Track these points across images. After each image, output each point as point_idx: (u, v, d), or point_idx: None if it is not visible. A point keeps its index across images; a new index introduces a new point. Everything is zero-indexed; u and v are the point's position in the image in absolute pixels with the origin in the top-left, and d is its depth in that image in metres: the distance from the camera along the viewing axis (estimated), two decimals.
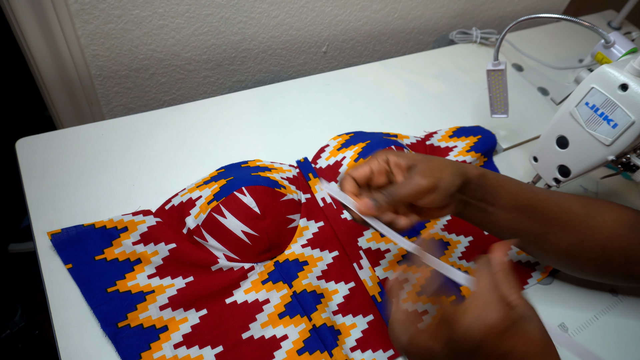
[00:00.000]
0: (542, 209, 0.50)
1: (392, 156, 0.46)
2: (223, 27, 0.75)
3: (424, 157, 0.46)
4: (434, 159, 0.46)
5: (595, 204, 0.52)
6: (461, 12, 0.97)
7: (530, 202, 0.50)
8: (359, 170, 0.45)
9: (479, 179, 0.48)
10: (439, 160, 0.46)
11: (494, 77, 0.64)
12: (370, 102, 0.74)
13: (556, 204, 0.51)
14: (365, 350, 0.49)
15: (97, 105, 0.77)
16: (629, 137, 0.48)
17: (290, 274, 0.51)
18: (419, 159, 0.45)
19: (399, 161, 0.45)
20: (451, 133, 0.70)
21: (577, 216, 0.51)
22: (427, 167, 0.45)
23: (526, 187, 0.51)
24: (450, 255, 0.58)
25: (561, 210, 0.51)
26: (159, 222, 0.51)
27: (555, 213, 0.51)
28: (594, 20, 1.03)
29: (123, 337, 0.44)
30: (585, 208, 0.51)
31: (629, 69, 0.47)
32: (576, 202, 0.52)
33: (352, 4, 0.83)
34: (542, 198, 0.51)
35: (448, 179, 0.45)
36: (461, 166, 0.47)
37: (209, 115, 0.66)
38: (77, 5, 0.63)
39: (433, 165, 0.45)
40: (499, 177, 0.50)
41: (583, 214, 0.51)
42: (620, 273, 0.52)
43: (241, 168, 0.57)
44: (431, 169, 0.45)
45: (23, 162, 0.55)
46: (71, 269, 0.47)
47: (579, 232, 0.51)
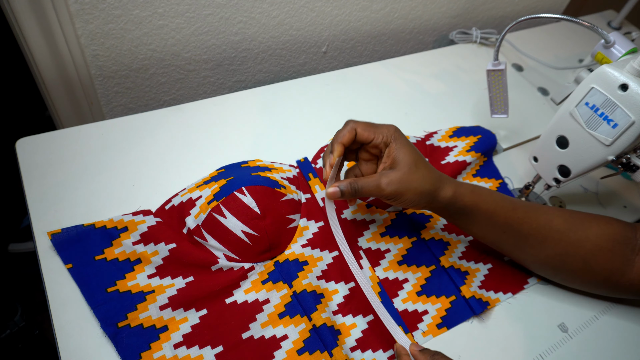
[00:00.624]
0: (519, 225, 0.51)
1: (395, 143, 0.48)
2: (223, 27, 0.75)
3: (412, 165, 0.47)
4: (418, 172, 0.47)
5: (579, 218, 0.52)
6: (461, 12, 0.97)
7: (506, 220, 0.51)
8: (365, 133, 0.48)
9: (450, 202, 0.49)
10: (420, 177, 0.47)
11: (494, 77, 0.64)
12: (370, 102, 0.74)
13: (535, 220, 0.51)
14: (365, 350, 0.49)
15: (97, 105, 0.77)
16: (629, 137, 0.48)
17: (290, 273, 0.51)
18: (405, 165, 0.47)
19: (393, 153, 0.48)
20: (451, 133, 0.70)
21: (557, 231, 0.51)
22: (402, 178, 0.47)
23: (506, 204, 0.51)
24: (450, 256, 0.58)
25: (539, 226, 0.51)
26: (159, 222, 0.51)
27: (534, 229, 0.52)
28: (594, 20, 1.03)
29: (123, 337, 0.44)
30: (567, 223, 0.52)
31: (629, 69, 0.47)
32: (557, 217, 0.52)
33: (352, 4, 0.83)
34: (520, 215, 0.51)
35: (411, 198, 0.47)
36: (435, 187, 0.48)
37: (209, 115, 0.66)
38: (77, 5, 0.63)
39: (409, 179, 0.47)
40: (476, 198, 0.50)
41: (564, 228, 0.51)
42: (606, 285, 0.53)
43: (241, 168, 0.57)
44: (402, 181, 0.47)
45: (23, 162, 0.55)
46: (71, 269, 0.47)
47: (559, 245, 0.52)
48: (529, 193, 0.65)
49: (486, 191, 0.51)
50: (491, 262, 0.59)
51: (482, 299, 0.55)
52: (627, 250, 0.51)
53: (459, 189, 0.49)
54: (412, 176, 0.47)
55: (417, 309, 0.53)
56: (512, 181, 0.69)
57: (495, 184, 0.67)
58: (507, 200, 0.51)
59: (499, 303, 0.56)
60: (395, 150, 0.47)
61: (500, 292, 0.56)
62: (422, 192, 0.47)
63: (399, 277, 0.55)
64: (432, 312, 0.53)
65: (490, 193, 0.51)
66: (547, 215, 0.52)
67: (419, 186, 0.47)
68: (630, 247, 0.51)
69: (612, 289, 0.54)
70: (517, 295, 0.57)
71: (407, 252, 0.57)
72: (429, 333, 0.52)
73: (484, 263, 0.58)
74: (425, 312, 0.53)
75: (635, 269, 0.51)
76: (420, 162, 0.48)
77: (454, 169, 0.65)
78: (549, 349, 0.53)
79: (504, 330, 0.54)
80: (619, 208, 0.69)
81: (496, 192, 0.52)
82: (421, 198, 0.47)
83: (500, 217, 0.51)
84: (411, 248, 0.58)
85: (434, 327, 0.52)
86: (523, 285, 0.57)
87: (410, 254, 0.57)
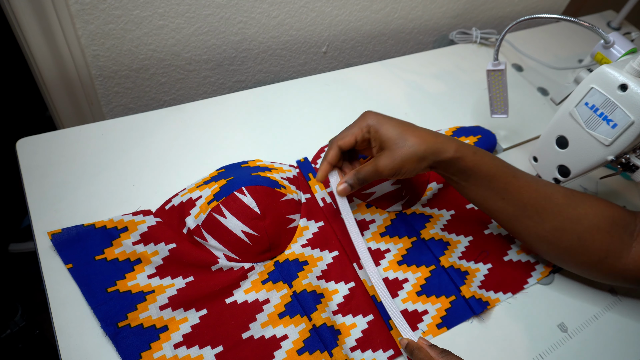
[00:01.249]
0: (518, 193, 0.51)
1: (373, 128, 0.50)
2: (223, 27, 0.75)
3: (397, 138, 0.49)
4: (406, 142, 0.49)
5: (580, 196, 0.52)
6: (461, 12, 0.97)
7: (506, 186, 0.51)
8: (345, 140, 0.51)
9: (451, 161, 0.50)
10: (409, 146, 0.49)
11: (494, 77, 0.65)
12: (371, 102, 0.74)
13: (536, 190, 0.51)
14: (365, 350, 0.49)
15: (97, 105, 0.77)
16: (628, 137, 0.48)
17: (290, 273, 0.51)
18: (391, 142, 0.49)
19: (376, 136, 0.50)
20: (451, 133, 0.70)
21: (557, 205, 0.51)
22: (392, 155, 0.49)
23: (508, 170, 0.51)
24: (450, 255, 0.58)
25: (540, 197, 0.51)
26: (159, 222, 0.51)
27: (533, 199, 0.51)
28: (593, 21, 1.03)
29: (123, 337, 0.45)
30: (567, 198, 0.51)
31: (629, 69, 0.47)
32: (558, 192, 0.52)
33: (352, 4, 0.83)
34: (521, 183, 0.51)
35: (411, 167, 0.49)
36: (434, 149, 0.49)
37: (209, 115, 0.66)
38: (78, 6, 0.63)
39: (400, 153, 0.48)
40: (478, 159, 0.50)
41: (563, 203, 0.51)
42: (600, 267, 0.52)
43: (241, 168, 0.58)
44: (395, 158, 0.49)
45: (23, 162, 0.55)
46: (71, 269, 0.47)
47: (556, 219, 0.51)
48: None
49: (489, 155, 0.51)
50: (491, 262, 0.59)
51: (482, 299, 0.55)
52: (626, 235, 0.51)
53: (460, 148, 0.49)
54: (402, 149, 0.48)
55: (417, 309, 0.53)
56: None
57: None
58: (509, 167, 0.51)
59: (499, 303, 0.56)
60: (376, 133, 0.50)
61: (500, 292, 0.56)
62: (419, 158, 0.49)
63: (398, 277, 0.55)
64: (432, 312, 0.54)
65: (493, 158, 0.51)
66: (548, 188, 0.52)
67: (413, 154, 0.48)
68: (629, 232, 0.51)
69: (606, 273, 0.53)
70: (517, 295, 0.57)
71: (407, 252, 0.57)
72: (428, 333, 0.52)
73: (484, 263, 0.58)
74: (425, 312, 0.53)
75: (632, 254, 0.50)
76: (406, 131, 0.49)
77: None
78: (548, 348, 0.53)
79: (504, 330, 0.54)
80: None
81: (499, 158, 0.52)
82: (420, 163, 0.49)
83: (501, 181, 0.51)
84: (411, 248, 0.58)
85: (434, 327, 0.52)
86: (523, 285, 0.57)
87: (410, 254, 0.57)
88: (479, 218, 0.62)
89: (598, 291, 0.59)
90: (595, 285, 0.59)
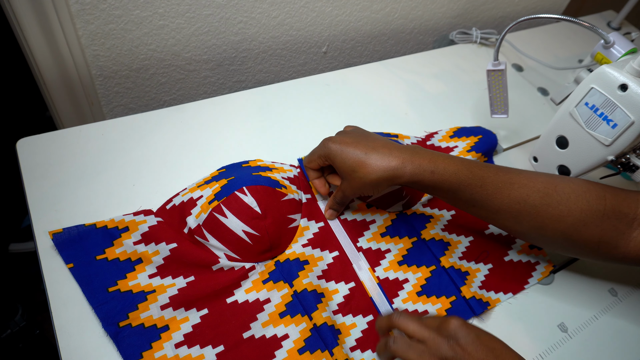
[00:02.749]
0: (487, 201, 0.50)
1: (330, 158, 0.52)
2: (223, 28, 0.75)
3: (350, 170, 0.51)
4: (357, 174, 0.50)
5: (562, 192, 0.49)
6: (461, 12, 0.97)
7: (473, 196, 0.50)
8: (312, 164, 0.56)
9: (409, 184, 0.50)
10: (360, 177, 0.50)
11: (494, 77, 0.65)
12: (371, 102, 0.74)
13: (508, 195, 0.49)
14: (365, 350, 0.49)
15: (97, 105, 0.77)
16: (628, 137, 0.48)
17: (291, 273, 0.51)
18: (346, 173, 0.52)
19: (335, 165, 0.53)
20: (452, 133, 0.70)
21: (533, 206, 0.49)
22: (350, 183, 0.52)
23: (472, 181, 0.49)
24: (451, 256, 0.58)
25: (513, 202, 0.49)
26: (160, 222, 0.51)
27: (505, 204, 0.49)
28: (593, 21, 1.04)
29: (124, 336, 0.45)
30: (547, 197, 0.49)
31: (629, 69, 0.47)
32: (535, 193, 0.49)
33: (352, 4, 0.83)
34: (490, 192, 0.49)
35: (369, 192, 0.52)
36: (386, 177, 0.49)
37: (209, 115, 0.66)
38: (78, 6, 0.63)
39: (354, 183, 0.51)
40: (436, 178, 0.49)
41: (541, 203, 0.49)
42: (594, 255, 0.51)
43: (242, 168, 0.58)
44: (352, 186, 0.52)
45: (23, 162, 0.55)
46: (72, 269, 0.47)
47: (534, 220, 0.49)
48: None
49: (451, 168, 0.49)
50: (491, 262, 0.59)
51: (483, 299, 0.55)
52: (622, 224, 0.48)
53: (416, 172, 0.49)
54: (355, 180, 0.51)
55: (417, 309, 0.53)
56: None
57: None
58: (475, 177, 0.49)
59: (499, 303, 0.56)
60: (333, 163, 0.53)
61: (501, 292, 0.56)
62: (373, 185, 0.51)
63: (399, 278, 0.55)
64: (433, 312, 0.54)
65: (455, 172, 0.49)
66: (522, 190, 0.49)
67: (365, 184, 0.51)
68: (627, 221, 0.49)
69: (603, 259, 0.51)
70: (517, 295, 0.57)
71: (408, 252, 0.57)
72: None
73: (484, 263, 0.59)
74: (425, 312, 0.53)
75: (633, 244, 0.48)
76: (358, 162, 0.50)
77: None
78: (549, 348, 0.53)
79: (504, 330, 0.54)
80: None
81: (468, 164, 0.50)
82: (377, 188, 0.51)
83: (466, 193, 0.49)
84: (411, 248, 0.58)
85: None
86: (523, 285, 0.57)
87: (410, 254, 0.57)
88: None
89: (598, 291, 0.59)
90: (595, 285, 0.59)
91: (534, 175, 0.51)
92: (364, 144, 0.51)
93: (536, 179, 0.50)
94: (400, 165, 0.49)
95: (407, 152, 0.50)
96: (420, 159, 0.49)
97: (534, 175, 0.51)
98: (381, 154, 0.50)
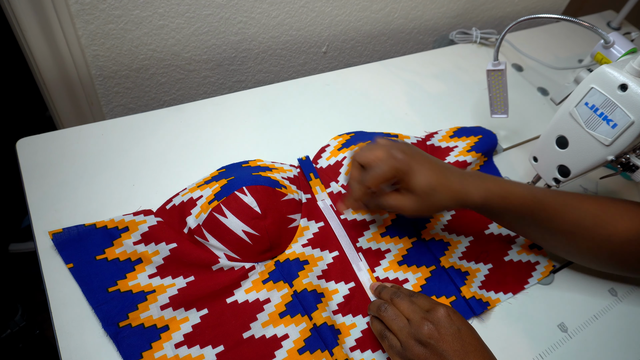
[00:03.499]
0: (546, 223, 0.52)
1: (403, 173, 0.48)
2: (223, 27, 0.75)
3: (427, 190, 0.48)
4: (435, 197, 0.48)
5: (610, 212, 0.52)
6: (461, 12, 0.97)
7: (534, 219, 0.51)
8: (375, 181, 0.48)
9: (476, 208, 0.50)
10: (438, 200, 0.48)
11: (494, 77, 0.65)
12: (371, 102, 0.74)
13: (564, 218, 0.51)
14: (364, 350, 0.49)
15: (97, 105, 0.77)
16: (628, 137, 0.48)
17: (291, 273, 0.51)
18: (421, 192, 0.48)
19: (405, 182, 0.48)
20: (452, 133, 0.70)
21: (585, 228, 0.51)
22: (420, 203, 0.48)
23: (534, 205, 0.51)
24: (451, 256, 0.58)
25: (568, 224, 0.51)
26: (159, 222, 0.51)
27: (561, 226, 0.52)
28: (593, 21, 1.03)
29: (124, 336, 0.45)
30: (597, 219, 0.51)
31: (629, 69, 0.47)
32: (587, 214, 0.51)
33: (352, 4, 0.83)
34: (549, 214, 0.51)
35: (435, 212, 0.52)
36: (460, 201, 0.49)
37: (209, 115, 0.66)
38: (78, 6, 0.63)
39: (427, 205, 0.48)
40: (505, 204, 0.50)
41: (593, 225, 0.51)
42: (636, 271, 0.54)
43: (242, 168, 0.58)
44: (422, 207, 0.48)
45: (23, 162, 0.55)
46: (72, 269, 0.47)
47: (585, 242, 0.52)
48: None
49: (517, 192, 0.50)
50: (491, 262, 0.59)
51: (482, 299, 0.55)
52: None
53: (488, 195, 0.49)
54: (430, 202, 0.48)
55: None
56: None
57: None
58: (537, 200, 0.51)
59: (499, 303, 0.56)
60: (405, 179, 0.48)
61: (501, 292, 0.56)
62: (447, 207, 0.50)
63: (399, 277, 0.55)
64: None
65: (522, 196, 0.50)
66: (576, 212, 0.51)
67: (439, 207, 0.49)
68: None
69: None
70: (517, 295, 0.57)
71: (408, 252, 0.57)
72: None
73: (484, 263, 0.58)
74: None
75: None
76: (437, 184, 0.48)
77: None
78: (548, 348, 0.53)
79: (504, 330, 0.54)
80: None
81: (529, 187, 0.51)
82: (446, 209, 0.51)
83: (528, 217, 0.51)
84: (411, 248, 0.58)
85: None
86: (523, 285, 0.57)
87: (410, 254, 0.57)
88: (480, 218, 0.62)
89: (598, 291, 0.59)
90: (595, 285, 0.59)
91: (583, 197, 0.53)
92: (436, 163, 0.50)
93: (586, 200, 0.52)
94: (474, 190, 0.49)
95: (477, 177, 0.50)
96: (489, 183, 0.50)
97: (583, 197, 0.53)
98: (456, 177, 0.49)
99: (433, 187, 0.47)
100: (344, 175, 0.60)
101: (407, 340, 0.44)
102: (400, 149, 0.48)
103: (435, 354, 0.42)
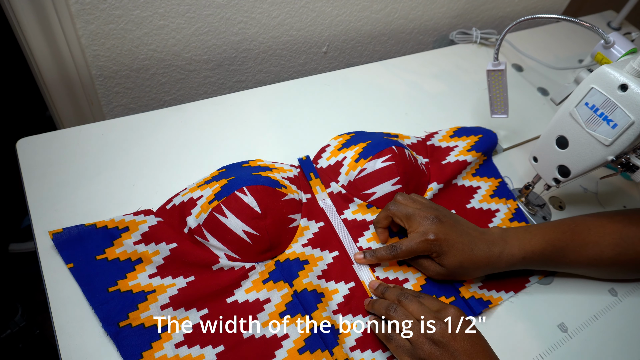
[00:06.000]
0: (570, 265, 0.56)
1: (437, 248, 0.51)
2: (223, 28, 0.75)
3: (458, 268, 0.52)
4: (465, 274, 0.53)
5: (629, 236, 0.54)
6: (461, 13, 0.97)
7: (556, 265, 0.56)
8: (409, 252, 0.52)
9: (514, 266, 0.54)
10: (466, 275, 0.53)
11: (494, 77, 0.65)
12: (371, 102, 0.74)
13: (585, 257, 0.55)
14: (364, 350, 0.49)
15: (97, 105, 0.77)
16: (628, 137, 0.48)
17: (291, 273, 0.51)
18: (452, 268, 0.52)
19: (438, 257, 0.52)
20: (452, 133, 0.70)
21: (608, 259, 0.55)
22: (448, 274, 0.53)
23: (553, 253, 0.54)
24: None
25: (590, 260, 0.55)
26: (160, 222, 0.51)
27: (583, 264, 0.56)
28: (593, 21, 1.04)
29: (124, 336, 0.45)
30: (618, 247, 0.54)
31: (629, 70, 0.47)
32: (607, 246, 0.54)
33: (353, 4, 0.83)
34: (570, 259, 0.55)
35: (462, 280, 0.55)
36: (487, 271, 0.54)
37: (209, 115, 0.66)
38: (78, 6, 0.63)
39: (454, 274, 0.53)
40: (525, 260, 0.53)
41: (615, 254, 0.54)
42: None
43: (242, 168, 0.58)
44: (447, 276, 0.53)
45: (23, 162, 0.55)
46: (72, 269, 0.47)
47: (610, 269, 0.56)
48: (529, 193, 0.65)
49: (538, 250, 0.53)
50: None
51: (483, 298, 0.55)
52: None
53: (511, 260, 0.53)
54: (458, 273, 0.53)
55: None
56: (512, 181, 0.69)
57: (494, 183, 0.67)
58: (557, 249, 0.54)
59: (501, 302, 0.56)
60: (438, 253, 0.51)
61: (502, 291, 0.56)
62: (475, 276, 0.55)
63: (399, 277, 0.55)
64: None
65: (542, 251, 0.53)
66: (596, 248, 0.54)
67: (469, 275, 0.54)
68: None
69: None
70: (517, 294, 0.57)
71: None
72: None
73: None
74: None
75: None
76: (468, 259, 0.51)
77: (454, 169, 0.65)
78: (548, 348, 0.53)
79: (504, 330, 0.54)
80: (619, 208, 0.69)
81: (548, 238, 0.54)
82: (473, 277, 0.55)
83: (551, 265, 0.56)
84: None
85: None
86: (524, 284, 0.57)
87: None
88: (479, 218, 0.62)
89: (598, 291, 0.59)
90: (595, 285, 0.59)
91: (601, 229, 0.55)
92: (465, 241, 0.52)
93: (604, 231, 0.55)
94: (497, 259, 0.52)
95: (499, 243, 0.53)
96: (511, 248, 0.53)
97: (602, 228, 0.55)
98: (483, 251, 0.52)
99: (462, 265, 0.51)
100: (344, 176, 0.60)
101: (419, 339, 0.44)
102: (434, 230, 0.51)
103: (446, 353, 0.43)
